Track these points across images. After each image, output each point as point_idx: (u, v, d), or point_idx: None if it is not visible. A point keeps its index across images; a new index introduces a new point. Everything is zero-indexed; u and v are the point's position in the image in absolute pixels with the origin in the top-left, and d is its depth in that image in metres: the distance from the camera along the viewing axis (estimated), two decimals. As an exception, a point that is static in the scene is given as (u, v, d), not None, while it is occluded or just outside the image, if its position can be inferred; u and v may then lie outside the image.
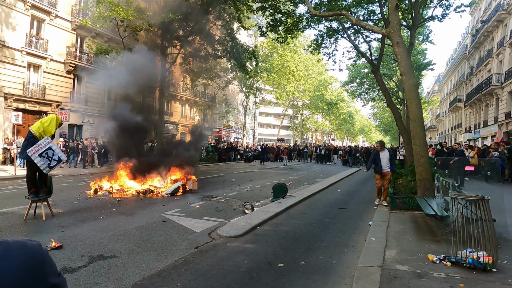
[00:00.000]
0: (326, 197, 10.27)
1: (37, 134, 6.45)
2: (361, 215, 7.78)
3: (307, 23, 15.66)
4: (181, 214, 7.13)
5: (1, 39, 17.75)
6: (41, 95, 20.02)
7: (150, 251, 4.77)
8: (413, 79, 8.24)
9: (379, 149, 8.73)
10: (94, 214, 6.91)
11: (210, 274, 4.01)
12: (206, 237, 5.57)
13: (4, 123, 18.22)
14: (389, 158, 8.58)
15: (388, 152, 8.72)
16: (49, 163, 6.25)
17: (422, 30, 21.63)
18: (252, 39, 37.43)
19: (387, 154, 8.63)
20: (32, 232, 5.52)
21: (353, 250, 5.13)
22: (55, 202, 7.83)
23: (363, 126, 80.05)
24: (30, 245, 0.73)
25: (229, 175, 15.85)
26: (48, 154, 6.23)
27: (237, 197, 9.64)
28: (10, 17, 18.30)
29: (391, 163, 8.61)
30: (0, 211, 6.95)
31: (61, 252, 4.59)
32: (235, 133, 45.59)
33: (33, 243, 0.74)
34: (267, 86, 42.85)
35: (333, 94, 50.53)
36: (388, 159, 8.56)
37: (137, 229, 5.85)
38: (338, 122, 60.45)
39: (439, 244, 5.10)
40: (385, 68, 27.94)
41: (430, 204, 6.08)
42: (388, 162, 8.54)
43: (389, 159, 8.57)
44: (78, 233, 5.53)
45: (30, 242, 0.74)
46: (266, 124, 67.95)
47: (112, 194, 9.39)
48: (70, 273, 3.90)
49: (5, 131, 18.15)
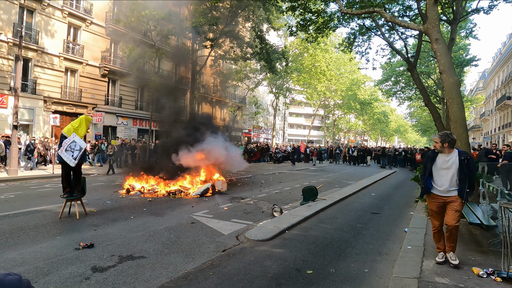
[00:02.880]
0: (359, 201, 9.88)
1: (69, 136, 6.74)
2: (396, 221, 7.38)
3: (338, 22, 15.21)
4: (210, 216, 7.13)
5: (41, 46, 18.97)
6: (77, 98, 21.17)
7: (178, 252, 4.78)
8: (454, 77, 7.70)
9: (439, 149, 4.45)
10: (125, 214, 7.08)
11: (237, 279, 3.93)
12: (233, 240, 5.50)
13: (43, 125, 19.40)
14: (460, 169, 4.30)
15: (460, 156, 4.36)
16: (73, 154, 6.52)
17: (465, 24, 20.34)
18: (282, 40, 37.19)
19: (455, 161, 4.36)
20: (65, 231, 5.73)
21: (387, 259, 4.84)
22: (89, 201, 8.14)
23: (399, 126, 76.91)
24: (8, 281, 0.65)
25: (258, 177, 15.78)
26: (71, 146, 6.53)
27: (265, 199, 9.53)
28: (49, 25, 19.56)
29: (464, 179, 4.29)
30: (38, 208, 7.34)
31: (92, 251, 4.71)
32: (265, 134, 45.55)
33: (11, 279, 0.66)
34: (297, 87, 42.39)
35: (366, 93, 49.02)
36: (458, 169, 4.32)
37: (166, 230, 5.91)
38: (371, 122, 58.60)
39: (486, 256, 4.67)
40: (423, 65, 26.62)
41: (474, 211, 5.62)
42: (455, 176, 4.33)
43: (460, 170, 4.30)
44: (109, 232, 5.67)
45: (8, 277, 0.66)
46: (296, 124, 67.32)
47: (144, 194, 9.62)
48: (99, 272, 3.97)
49: (44, 132, 19.31)
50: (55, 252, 4.64)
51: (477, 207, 6.14)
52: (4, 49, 17.57)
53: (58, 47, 20.04)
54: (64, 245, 4.93)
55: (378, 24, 13.81)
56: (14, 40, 17.39)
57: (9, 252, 4.57)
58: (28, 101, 18.50)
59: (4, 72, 17.48)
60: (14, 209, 7.23)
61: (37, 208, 7.33)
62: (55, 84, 20.01)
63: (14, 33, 17.73)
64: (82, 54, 21.39)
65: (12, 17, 17.86)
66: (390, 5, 14.65)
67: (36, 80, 19.01)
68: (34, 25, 18.92)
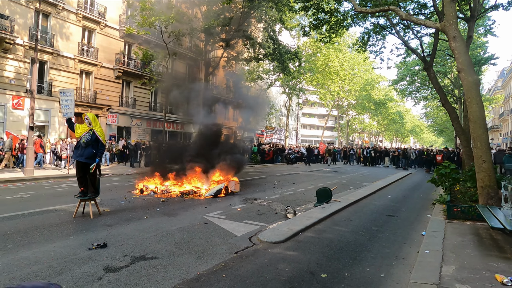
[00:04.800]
0: (374, 203, 9.68)
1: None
2: (412, 224, 7.18)
3: (352, 21, 15.02)
4: (223, 217, 7.10)
5: (56, 49, 19.43)
6: (92, 99, 21.58)
7: (191, 253, 4.75)
8: (473, 76, 7.45)
9: None
10: (138, 214, 7.12)
11: (250, 282, 3.86)
12: (246, 242, 5.44)
13: (59, 126, 19.84)
14: None
15: None
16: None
17: (483, 21, 19.77)
18: (294, 40, 37.02)
19: None
20: (79, 230, 5.78)
21: (404, 263, 4.69)
22: (103, 201, 8.23)
23: (414, 127, 75.42)
24: None
25: (271, 177, 15.70)
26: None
27: (279, 200, 9.44)
28: (64, 28, 20.06)
29: None
30: (52, 208, 7.46)
31: (105, 251, 4.73)
32: (278, 134, 45.39)
33: None
34: (311, 87, 42.08)
35: (380, 93, 48.28)
36: None
37: (179, 231, 5.90)
38: (386, 123, 57.63)
39: (509, 262, 4.46)
40: (439, 64, 26.02)
41: (496, 215, 5.40)
42: None
43: None
44: (123, 232, 5.70)
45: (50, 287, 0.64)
46: (309, 125, 66.91)
47: (157, 194, 9.68)
48: (112, 273, 3.97)
49: (60, 133, 19.74)
50: (68, 251, 4.68)
51: (498, 211, 5.91)
52: (21, 52, 18.07)
53: (73, 50, 20.49)
54: (78, 245, 4.97)
55: (393, 22, 13.54)
56: (30, 43, 17.89)
57: (23, 251, 4.64)
58: (44, 102, 18.96)
59: (21, 75, 17.98)
60: (30, 208, 7.37)
61: (51, 208, 7.45)
62: (70, 86, 20.44)
63: (30, 36, 18.21)
64: (97, 56, 21.80)
65: (28, 21, 18.36)
66: (405, 3, 14.37)
67: (52, 82, 19.48)
68: (49, 28, 19.41)
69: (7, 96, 17.44)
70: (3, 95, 17.31)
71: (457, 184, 9.99)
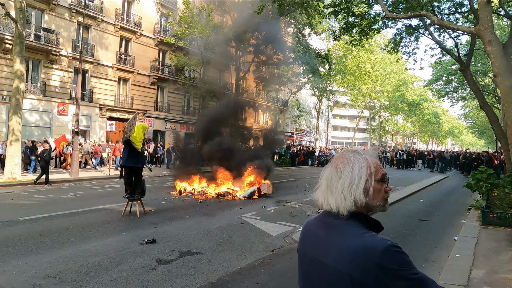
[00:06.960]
0: (406, 207, 9.70)
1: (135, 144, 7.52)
2: (445, 229, 7.21)
3: (383, 23, 14.93)
4: (258, 218, 7.52)
5: (96, 58, 20.91)
6: (129, 105, 22.95)
7: (231, 250, 5.21)
8: (510, 80, 7.36)
9: None
10: (179, 214, 7.72)
11: (287, 276, 4.24)
12: (281, 241, 5.82)
13: (99, 131, 21.26)
14: None
15: None
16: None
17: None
18: (324, 42, 36.88)
19: None
20: (129, 227, 6.43)
21: (434, 266, 4.85)
22: (146, 201, 8.91)
23: (452, 128, 71.81)
24: None
25: (302, 180, 15.94)
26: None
27: (310, 203, 9.70)
28: (103, 39, 21.55)
29: None
30: (102, 207, 8.25)
31: (155, 246, 5.30)
32: (307, 136, 45.30)
33: None
34: (341, 88, 41.63)
35: (415, 93, 46.64)
36: None
37: (218, 229, 6.39)
38: (421, 124, 55.49)
39: (541, 267, 4.51)
40: (479, 63, 24.88)
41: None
42: None
43: None
44: (168, 230, 6.27)
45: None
46: (340, 126, 66.02)
47: (194, 195, 10.29)
48: (163, 265, 4.51)
49: (100, 137, 21.13)
50: (123, 245, 5.29)
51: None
52: (65, 62, 19.66)
53: (111, 59, 21.97)
54: (130, 240, 5.58)
55: (426, 24, 13.36)
56: (73, 54, 19.46)
57: (84, 244, 5.31)
58: (85, 108, 20.42)
59: (65, 83, 19.52)
60: (82, 207, 8.18)
61: (101, 207, 8.24)
62: (109, 93, 21.93)
63: (73, 47, 19.81)
64: (133, 64, 23.17)
65: (71, 34, 19.97)
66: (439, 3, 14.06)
67: (93, 90, 20.99)
68: (90, 39, 20.93)
69: (53, 103, 19.00)
70: (50, 102, 18.87)
71: (495, 189, 9.74)
